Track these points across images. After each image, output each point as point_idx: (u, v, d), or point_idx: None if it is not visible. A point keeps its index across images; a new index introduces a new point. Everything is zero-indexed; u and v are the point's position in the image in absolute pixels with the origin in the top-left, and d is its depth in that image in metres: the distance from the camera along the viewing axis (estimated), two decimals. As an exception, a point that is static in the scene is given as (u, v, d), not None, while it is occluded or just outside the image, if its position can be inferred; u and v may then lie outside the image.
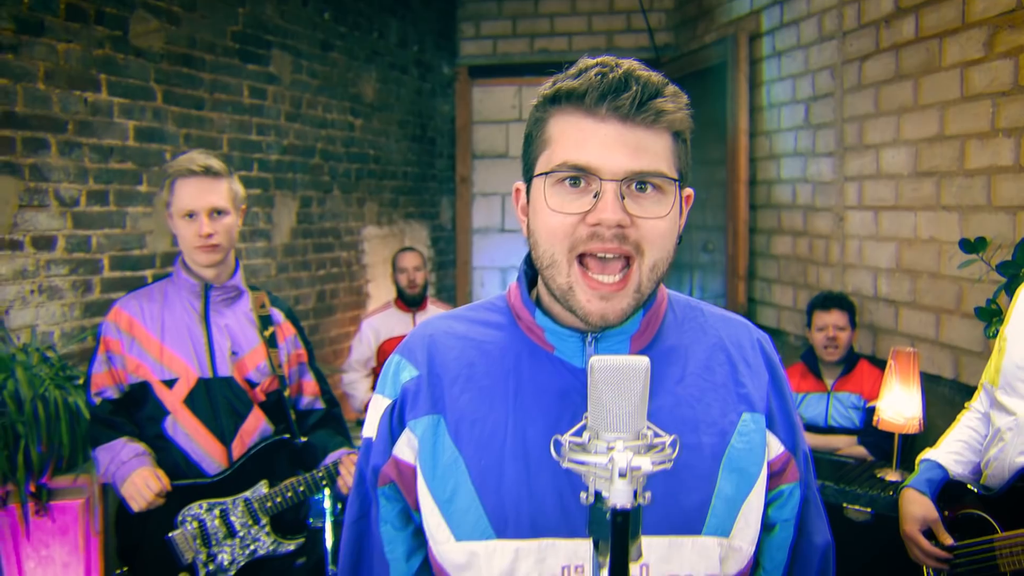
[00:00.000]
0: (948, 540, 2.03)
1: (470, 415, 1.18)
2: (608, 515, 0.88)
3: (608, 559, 0.90)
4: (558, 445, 0.96)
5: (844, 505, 2.94)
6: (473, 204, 6.62)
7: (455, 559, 1.15)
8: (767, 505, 1.20)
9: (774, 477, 1.20)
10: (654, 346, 1.21)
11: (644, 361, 0.95)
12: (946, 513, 2.07)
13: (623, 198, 1.09)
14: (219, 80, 4.16)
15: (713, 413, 1.17)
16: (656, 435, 0.95)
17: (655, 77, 1.10)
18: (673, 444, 0.95)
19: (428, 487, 1.17)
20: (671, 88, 1.12)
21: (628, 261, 1.11)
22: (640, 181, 1.10)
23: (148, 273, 3.74)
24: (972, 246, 2.86)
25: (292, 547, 2.46)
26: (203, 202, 2.35)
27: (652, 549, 1.10)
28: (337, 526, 2.91)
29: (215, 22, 4.13)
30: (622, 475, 0.87)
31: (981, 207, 3.02)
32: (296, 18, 4.74)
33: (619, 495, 0.87)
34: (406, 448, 1.20)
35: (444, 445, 1.17)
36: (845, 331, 3.59)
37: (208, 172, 2.37)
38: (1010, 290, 2.56)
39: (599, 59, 1.13)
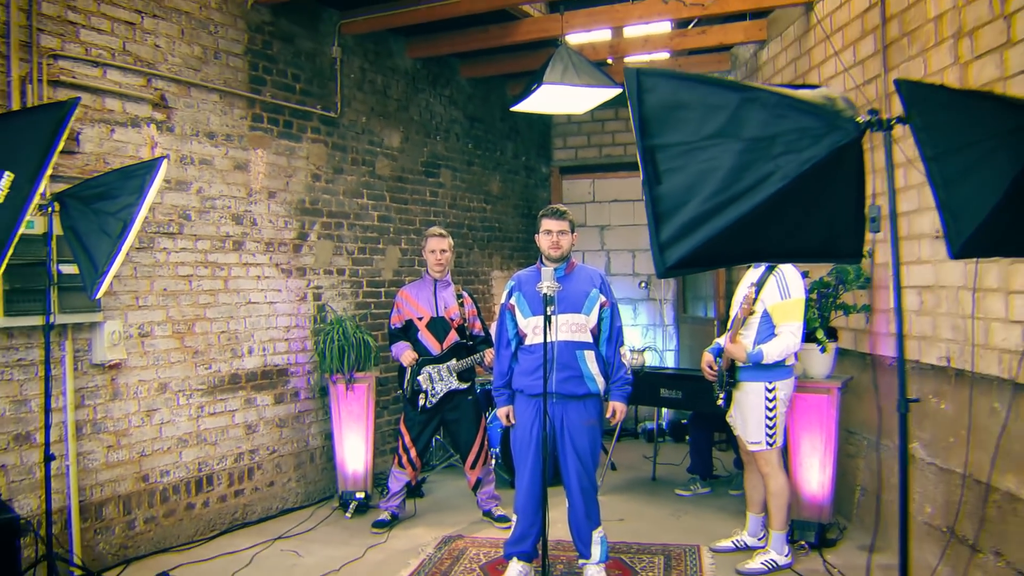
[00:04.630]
0: (714, 366, 5.17)
1: (527, 290, 4.56)
2: (543, 301, 4.22)
3: (544, 319, 4.24)
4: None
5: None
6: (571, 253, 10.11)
7: (523, 326, 4.53)
8: (600, 310, 4.52)
9: (602, 306, 4.52)
10: (569, 271, 4.56)
11: (550, 271, 4.32)
12: (718, 359, 5.23)
13: (558, 236, 4.47)
14: (415, 188, 7.73)
15: (585, 287, 4.53)
16: (549, 287, 4.29)
17: (562, 207, 4.51)
18: (553, 292, 4.33)
19: (518, 308, 4.56)
20: (566, 208, 4.52)
21: (561, 250, 4.49)
22: (560, 231, 4.48)
23: (382, 290, 7.25)
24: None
25: (465, 386, 5.86)
26: (439, 245, 5.82)
27: (563, 319, 4.44)
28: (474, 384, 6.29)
29: (413, 156, 7.72)
30: (548, 290, 4.20)
31: None
32: (454, 149, 8.32)
33: (547, 291, 4.21)
34: (511, 299, 4.59)
35: (519, 298, 4.56)
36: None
37: (442, 235, 5.84)
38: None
39: (552, 205, 4.57)
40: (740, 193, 2.27)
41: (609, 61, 7.93)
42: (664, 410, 8.38)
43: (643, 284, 9.53)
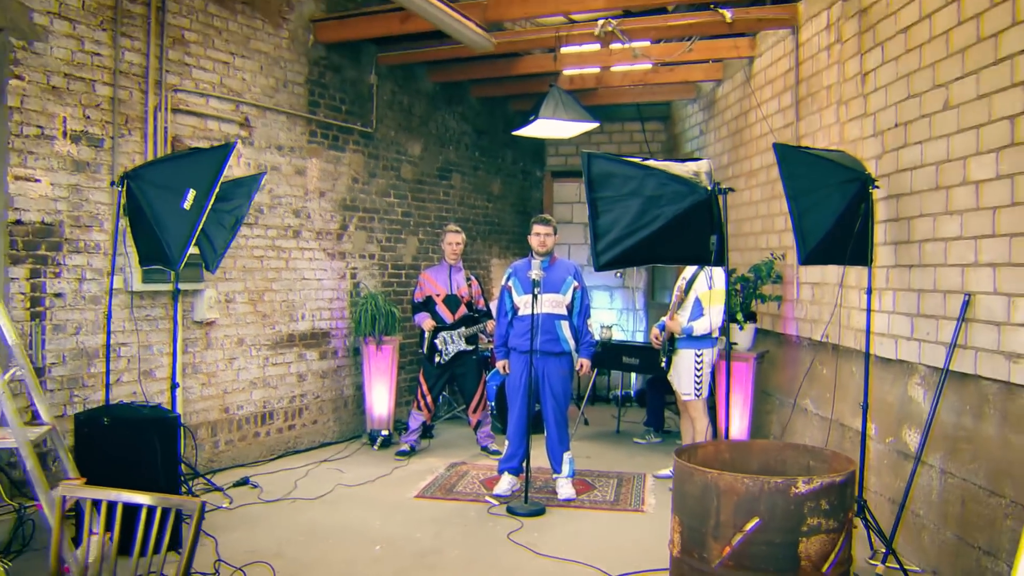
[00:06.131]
0: (659, 336, 6.85)
1: (520, 275, 6.24)
2: (531, 284, 5.90)
3: (532, 297, 5.92)
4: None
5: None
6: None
7: (517, 301, 6.22)
8: (573, 292, 6.21)
9: (575, 289, 6.22)
10: (551, 263, 6.25)
11: (537, 261, 6.01)
12: (662, 333, 6.91)
13: (544, 237, 6.16)
14: (432, 190, 9.40)
15: (563, 274, 6.22)
16: (536, 274, 5.96)
17: (548, 216, 6.22)
18: (539, 278, 6.03)
19: (514, 288, 6.25)
20: (551, 216, 6.23)
21: (546, 247, 6.18)
22: (546, 233, 6.17)
23: (403, 271, 8.92)
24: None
25: (471, 348, 7.57)
26: (455, 239, 7.53)
27: (546, 297, 6.13)
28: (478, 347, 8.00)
29: (430, 163, 9.38)
30: (536, 276, 5.88)
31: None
32: (463, 156, 9.99)
33: (535, 277, 5.89)
34: (509, 282, 6.29)
35: (515, 281, 6.25)
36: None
37: (457, 231, 7.53)
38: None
39: (541, 214, 6.27)
40: (642, 226, 4.01)
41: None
42: (632, 379, 10.11)
43: (619, 274, 11.23)
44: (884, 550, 4.79)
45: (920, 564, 4.88)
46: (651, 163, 4.20)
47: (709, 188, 4.14)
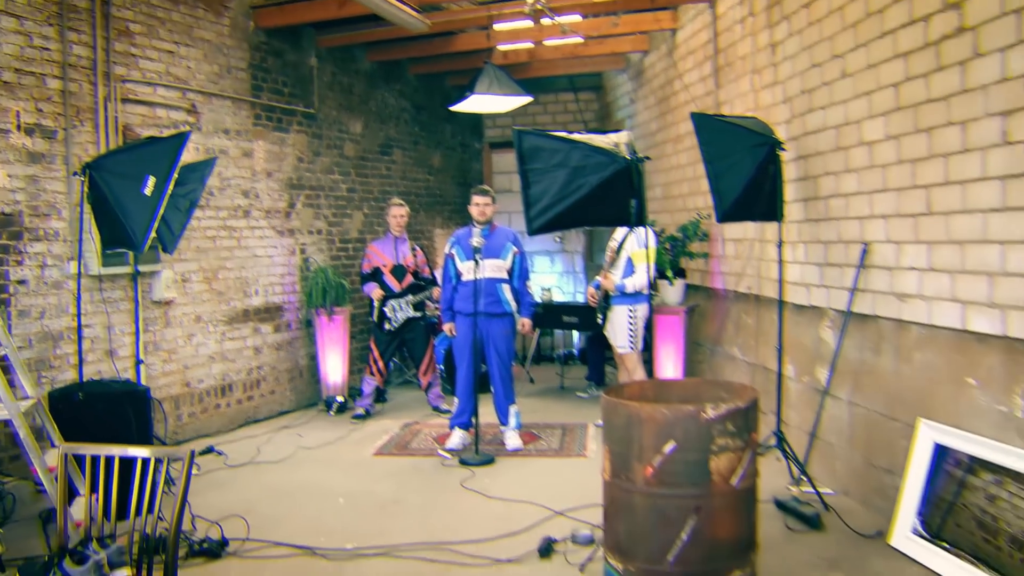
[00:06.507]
0: (595, 294, 7.32)
1: (463, 243, 6.65)
2: (473, 251, 6.33)
3: (474, 263, 6.34)
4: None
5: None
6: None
7: (461, 267, 6.64)
8: (513, 257, 6.65)
9: (515, 254, 6.66)
10: (492, 231, 6.67)
11: (478, 229, 6.44)
12: (598, 291, 7.39)
13: (484, 207, 6.57)
14: (374, 166, 9.74)
15: (503, 241, 6.65)
16: (478, 241, 6.39)
17: (487, 187, 6.63)
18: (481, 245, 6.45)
19: (457, 256, 6.66)
20: (489, 187, 6.64)
21: (485, 216, 6.59)
22: (486, 203, 6.58)
23: (349, 245, 9.27)
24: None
25: (418, 315, 7.99)
26: (399, 212, 7.91)
27: (488, 262, 6.55)
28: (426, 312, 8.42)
29: (372, 140, 9.71)
30: (477, 243, 6.30)
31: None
32: (404, 133, 10.33)
33: (476, 244, 6.31)
34: (452, 250, 6.69)
35: (458, 249, 6.66)
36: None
37: (401, 204, 7.91)
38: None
39: (481, 186, 6.68)
40: (569, 193, 4.47)
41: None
42: (575, 339, 10.62)
43: (558, 239, 11.69)
44: (800, 476, 5.35)
45: (833, 487, 5.45)
46: (575, 136, 4.65)
47: (628, 158, 4.61)
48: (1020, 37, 3.66)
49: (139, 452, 3.04)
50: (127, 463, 2.99)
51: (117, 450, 3.06)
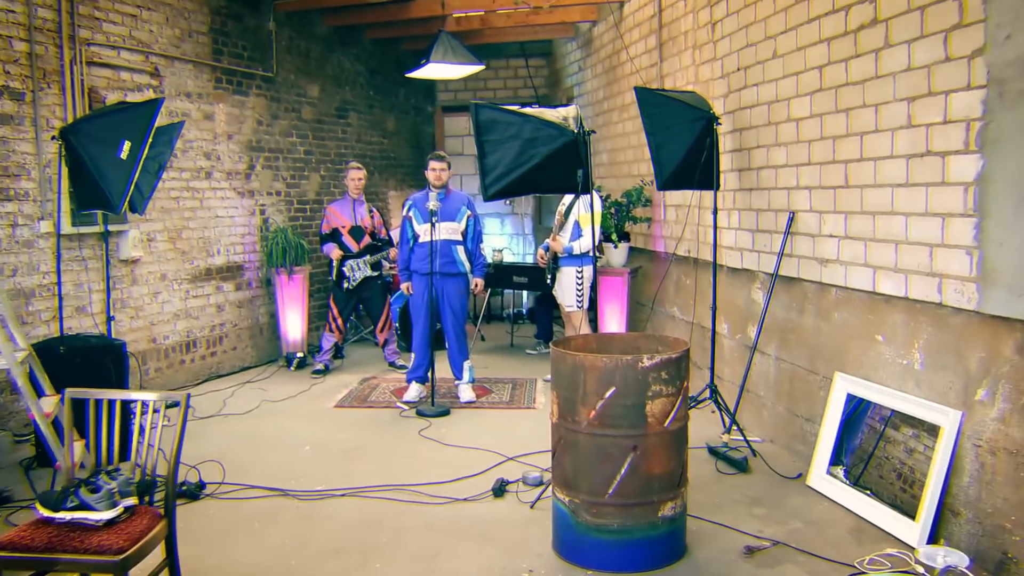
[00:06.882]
0: (544, 256, 7.75)
1: (419, 206, 7.01)
2: (430, 213, 6.70)
3: (430, 225, 6.72)
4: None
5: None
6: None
7: (418, 230, 7.00)
8: (467, 220, 7.03)
9: (469, 217, 7.04)
10: (447, 194, 7.04)
11: (434, 193, 6.81)
12: (547, 252, 7.82)
13: (440, 172, 6.93)
14: (331, 129, 10.00)
15: (458, 204, 7.03)
16: (434, 204, 6.77)
17: (443, 152, 7.00)
18: (437, 208, 6.83)
19: (414, 218, 7.02)
20: (446, 153, 7.01)
21: (442, 181, 6.96)
22: (442, 168, 6.94)
23: (307, 206, 9.56)
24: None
25: (375, 274, 8.36)
26: (357, 175, 8.25)
27: (443, 225, 6.93)
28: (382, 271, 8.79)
29: (328, 104, 9.96)
30: (433, 207, 6.67)
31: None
32: (359, 97, 10.59)
33: (433, 208, 6.68)
34: (409, 212, 7.05)
35: (415, 212, 7.01)
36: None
37: (359, 167, 8.23)
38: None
39: (437, 151, 7.04)
40: (522, 163, 4.89)
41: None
42: (524, 299, 11.07)
43: (508, 202, 12.08)
44: (731, 425, 5.87)
45: (761, 435, 5.99)
46: (527, 110, 5.06)
47: (576, 131, 5.02)
48: (923, 31, 4.13)
49: (141, 396, 3.40)
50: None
51: (119, 394, 3.42)
